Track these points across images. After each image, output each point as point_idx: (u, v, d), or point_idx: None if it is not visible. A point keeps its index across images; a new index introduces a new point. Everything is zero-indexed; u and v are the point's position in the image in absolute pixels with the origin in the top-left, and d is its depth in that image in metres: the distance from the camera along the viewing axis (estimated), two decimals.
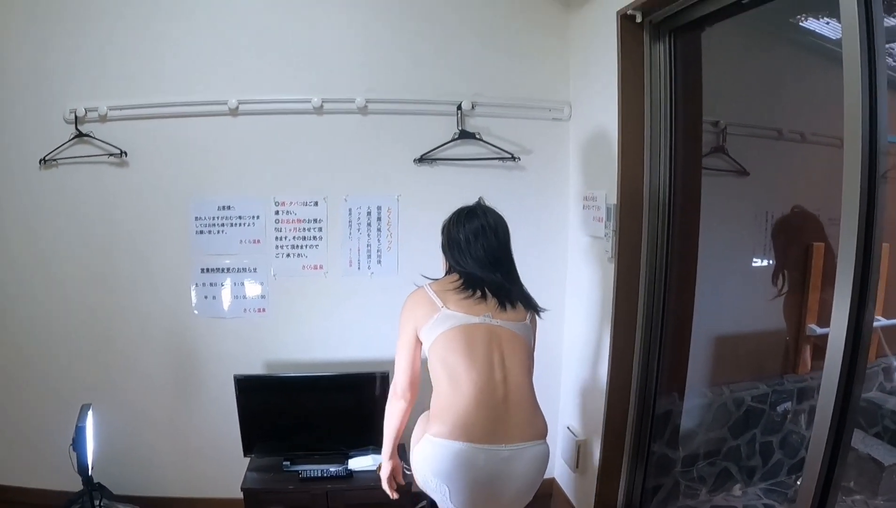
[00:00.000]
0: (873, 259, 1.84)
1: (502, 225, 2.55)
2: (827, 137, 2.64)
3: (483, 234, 2.47)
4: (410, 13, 3.44)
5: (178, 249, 3.42)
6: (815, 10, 2.46)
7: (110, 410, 3.33)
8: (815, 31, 2.57)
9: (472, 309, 2.37)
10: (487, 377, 2.26)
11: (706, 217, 2.97)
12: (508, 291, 2.45)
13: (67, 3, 3.27)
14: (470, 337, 2.32)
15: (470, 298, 2.38)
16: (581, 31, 3.43)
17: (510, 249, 2.54)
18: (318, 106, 3.36)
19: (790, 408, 3.27)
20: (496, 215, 2.56)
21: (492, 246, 2.48)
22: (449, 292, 2.41)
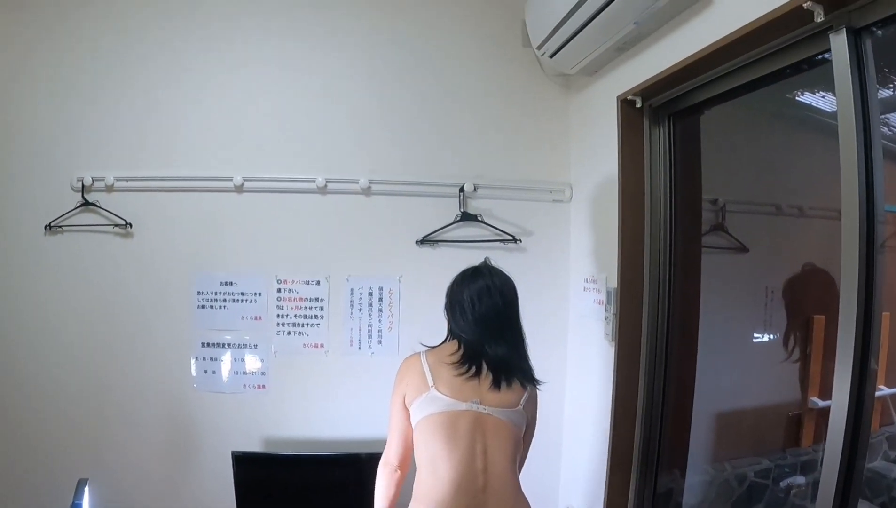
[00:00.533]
0: (874, 329, 1.84)
1: (509, 286, 2.47)
2: (825, 209, 2.64)
3: (488, 294, 2.39)
4: (413, 97, 3.50)
5: (180, 322, 3.41)
6: (811, 85, 2.49)
7: (107, 484, 3.27)
8: (811, 105, 2.59)
9: (461, 391, 2.29)
10: (468, 465, 2.21)
11: (706, 295, 2.97)
12: (508, 365, 2.36)
13: (79, 74, 3.33)
14: (453, 425, 2.25)
15: (463, 375, 2.31)
16: (581, 115, 3.49)
17: (517, 313, 2.46)
18: (322, 186, 3.39)
19: (794, 483, 3.25)
20: (503, 276, 2.49)
21: (496, 308, 2.39)
22: (443, 367, 2.34)
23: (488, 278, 2.44)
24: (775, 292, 3.04)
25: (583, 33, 2.80)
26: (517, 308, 2.47)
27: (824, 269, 2.72)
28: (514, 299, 2.47)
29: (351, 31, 3.49)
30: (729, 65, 2.37)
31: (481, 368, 2.34)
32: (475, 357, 2.35)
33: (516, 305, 2.47)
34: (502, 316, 2.41)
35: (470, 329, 2.39)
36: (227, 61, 3.41)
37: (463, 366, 2.33)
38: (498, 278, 2.46)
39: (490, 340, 2.37)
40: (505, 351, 2.37)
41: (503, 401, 2.32)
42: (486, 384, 2.32)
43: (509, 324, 2.43)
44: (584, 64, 3.11)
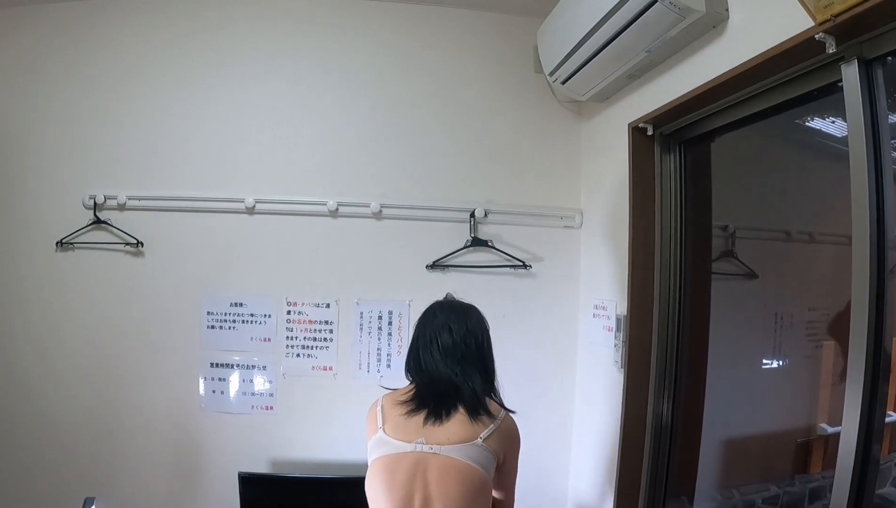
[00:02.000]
0: (884, 355, 1.83)
1: (462, 320, 2.34)
2: (835, 235, 2.63)
3: (440, 332, 2.30)
4: (425, 122, 3.53)
5: (189, 342, 3.42)
6: (821, 112, 2.49)
7: (113, 503, 3.29)
8: (821, 131, 2.59)
9: (407, 430, 2.16)
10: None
11: (715, 321, 2.96)
12: (456, 391, 2.21)
13: (93, 92, 3.37)
14: (392, 470, 2.10)
15: (411, 411, 2.21)
16: (593, 141, 3.50)
17: (478, 343, 2.32)
18: (333, 209, 3.41)
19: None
20: (458, 310, 2.39)
21: (446, 346, 2.28)
22: (396, 406, 2.26)
23: (441, 316, 2.37)
24: (784, 319, 3.03)
25: (595, 61, 2.82)
26: (478, 339, 2.34)
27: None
28: (474, 331, 2.34)
29: (364, 56, 3.52)
30: (740, 94, 2.38)
31: (428, 402, 2.22)
32: (424, 394, 2.26)
33: (477, 336, 2.34)
34: (458, 349, 2.28)
35: (420, 367, 2.32)
36: (240, 83, 3.44)
37: (410, 403, 2.24)
38: (450, 313, 2.38)
39: (442, 374, 2.26)
40: (457, 381, 2.24)
41: (453, 435, 2.13)
42: (433, 418, 2.20)
43: (466, 356, 2.29)
44: (595, 91, 3.13)
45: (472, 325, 2.35)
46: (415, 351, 2.35)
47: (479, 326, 2.37)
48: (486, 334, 2.38)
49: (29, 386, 3.35)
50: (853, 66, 1.86)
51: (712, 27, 2.37)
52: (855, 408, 1.86)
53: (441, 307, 2.42)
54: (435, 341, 2.30)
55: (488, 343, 2.37)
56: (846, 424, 1.89)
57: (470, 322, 2.35)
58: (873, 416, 1.85)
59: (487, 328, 2.39)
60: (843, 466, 1.89)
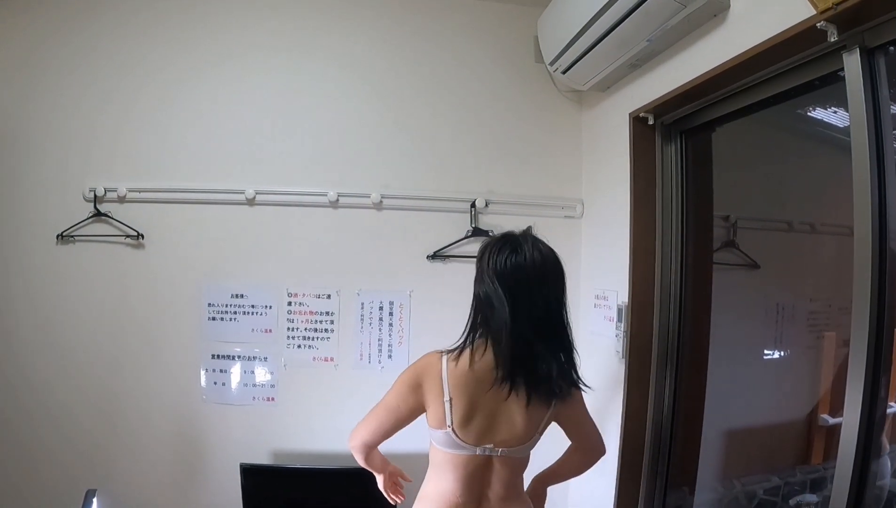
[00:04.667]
0: (885, 346, 1.83)
1: (556, 264, 2.05)
2: (836, 226, 2.63)
3: (529, 277, 1.96)
4: (425, 112, 3.52)
5: (190, 333, 3.42)
6: (823, 102, 2.48)
7: (114, 494, 3.29)
8: (823, 121, 2.58)
9: (477, 432, 2.05)
10: (471, 483, 2.09)
11: (717, 311, 2.96)
12: (546, 369, 1.97)
13: (91, 85, 3.35)
14: (463, 463, 2.08)
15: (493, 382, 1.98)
16: (593, 131, 3.49)
17: (565, 301, 2.07)
18: (333, 200, 3.41)
19: (803, 500, 3.22)
20: (547, 250, 2.05)
21: (542, 295, 1.97)
22: (463, 384, 2.00)
23: (530, 252, 1.99)
24: (786, 309, 3.02)
25: (595, 50, 2.81)
26: (565, 294, 2.07)
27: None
28: (563, 281, 2.06)
29: (363, 47, 3.51)
30: (741, 83, 2.38)
31: (515, 378, 1.98)
32: (510, 368, 1.97)
33: (565, 289, 2.06)
34: (549, 307, 1.99)
35: (507, 326, 1.95)
36: (240, 74, 3.44)
37: (492, 373, 1.99)
38: (540, 251, 2.02)
39: (534, 348, 1.96)
40: (549, 360, 1.99)
41: (522, 432, 2.07)
42: (512, 408, 2.05)
43: (558, 317, 2.02)
44: (596, 80, 3.12)
45: (562, 272, 2.06)
46: (496, 300, 1.97)
47: (564, 274, 2.08)
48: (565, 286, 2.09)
49: (30, 378, 3.34)
50: (855, 54, 1.86)
51: (713, 16, 2.36)
52: (856, 399, 1.86)
53: (532, 243, 2.04)
54: (527, 301, 1.95)
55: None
56: (848, 415, 1.89)
57: (560, 267, 2.06)
58: (875, 407, 1.85)
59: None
60: (844, 457, 1.90)
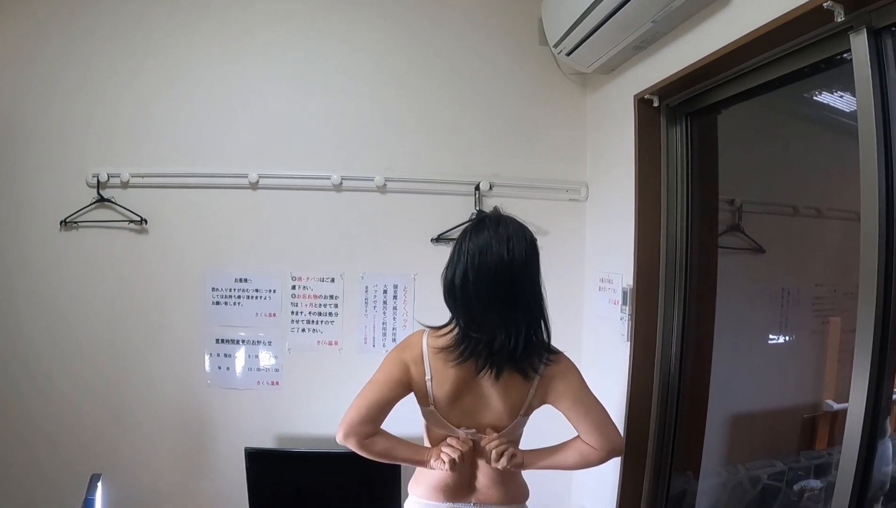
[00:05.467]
0: (891, 331, 1.82)
1: (520, 237, 2.01)
2: (842, 210, 2.62)
3: (489, 252, 1.95)
4: (429, 95, 3.51)
5: (194, 318, 3.42)
6: (829, 85, 2.46)
7: (119, 479, 3.28)
8: (829, 105, 2.56)
9: (458, 411, 2.10)
10: (458, 469, 2.12)
11: (722, 296, 2.96)
12: (511, 343, 1.96)
13: (93, 69, 3.34)
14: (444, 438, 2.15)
15: (458, 359, 2.01)
16: (598, 114, 3.48)
17: (533, 273, 2.02)
18: (337, 183, 3.40)
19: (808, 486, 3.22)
20: (514, 225, 2.03)
21: (500, 279, 1.95)
22: (440, 353, 2.05)
23: (492, 228, 1.99)
24: (791, 294, 3.01)
25: (600, 31, 2.79)
26: (534, 267, 2.03)
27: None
28: (531, 256, 2.01)
29: (367, 29, 3.49)
30: (747, 64, 2.36)
31: (479, 353, 2.00)
32: (472, 342, 2.01)
33: (533, 263, 2.02)
34: (511, 279, 1.96)
35: (467, 303, 2.00)
36: (243, 57, 3.42)
37: (455, 351, 2.02)
38: (507, 227, 2.01)
39: (493, 319, 1.97)
40: (512, 329, 1.97)
41: (501, 416, 2.12)
42: (492, 389, 2.08)
43: (521, 290, 1.98)
44: (601, 62, 3.10)
45: (530, 250, 2.02)
46: (457, 279, 2.01)
47: (535, 250, 2.05)
48: (539, 259, 2.07)
49: (34, 364, 3.35)
50: (862, 35, 1.84)
51: None
52: (862, 384, 1.85)
53: (491, 223, 2.03)
54: (484, 270, 1.95)
55: (540, 271, 2.07)
56: (853, 400, 1.88)
57: (528, 247, 2.02)
58: (881, 392, 1.84)
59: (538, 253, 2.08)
60: (849, 443, 1.89)
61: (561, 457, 2.19)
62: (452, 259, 2.06)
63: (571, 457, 2.18)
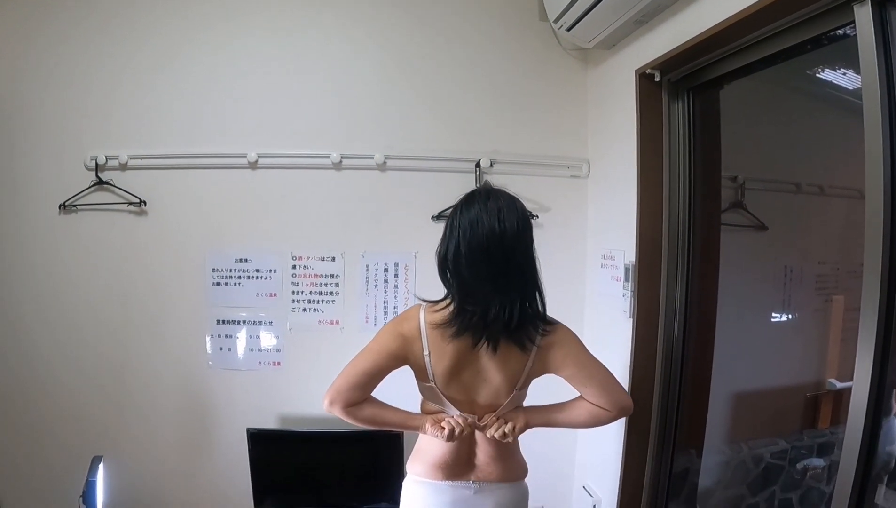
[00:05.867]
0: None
1: (512, 210, 1.99)
2: (845, 188, 2.60)
3: (486, 234, 1.94)
4: (429, 72, 3.48)
5: (195, 299, 3.42)
6: (833, 62, 2.44)
7: (121, 461, 3.30)
8: (832, 82, 2.54)
9: (457, 387, 2.11)
10: (457, 446, 2.15)
11: (724, 273, 2.95)
12: (506, 314, 1.96)
13: (89, 50, 3.32)
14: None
15: (454, 334, 2.01)
16: (599, 89, 3.45)
17: (526, 246, 2.01)
18: (336, 162, 3.38)
19: (810, 465, 3.22)
20: (506, 198, 2.02)
21: (492, 253, 1.94)
22: (437, 329, 2.04)
23: (482, 202, 2.00)
24: (794, 272, 3.00)
25: (600, 6, 2.76)
26: (526, 238, 2.01)
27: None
28: (522, 227, 2.00)
29: (366, 6, 3.46)
30: (750, 37, 2.33)
31: (475, 326, 2.00)
32: (468, 316, 2.00)
33: (525, 234, 2.01)
34: (503, 251, 1.95)
35: (460, 278, 2.01)
36: (241, 36, 3.39)
37: (451, 326, 2.01)
38: (497, 200, 2.00)
39: (488, 292, 1.97)
40: (507, 301, 1.97)
41: (499, 391, 2.12)
42: (488, 363, 2.09)
43: (513, 262, 1.97)
44: (601, 37, 3.07)
45: (521, 221, 2.01)
46: (450, 254, 2.01)
47: (527, 222, 2.04)
48: (531, 230, 2.06)
49: (35, 348, 3.36)
50: (866, 7, 1.81)
51: None
52: (867, 362, 1.84)
53: (481, 197, 2.03)
54: (476, 243, 1.95)
55: (532, 242, 2.06)
56: (858, 378, 1.87)
57: (519, 218, 2.00)
58: (885, 370, 1.83)
59: (531, 225, 2.08)
60: (854, 421, 1.88)
61: (569, 415, 2.20)
62: (445, 235, 2.05)
63: (581, 415, 2.18)
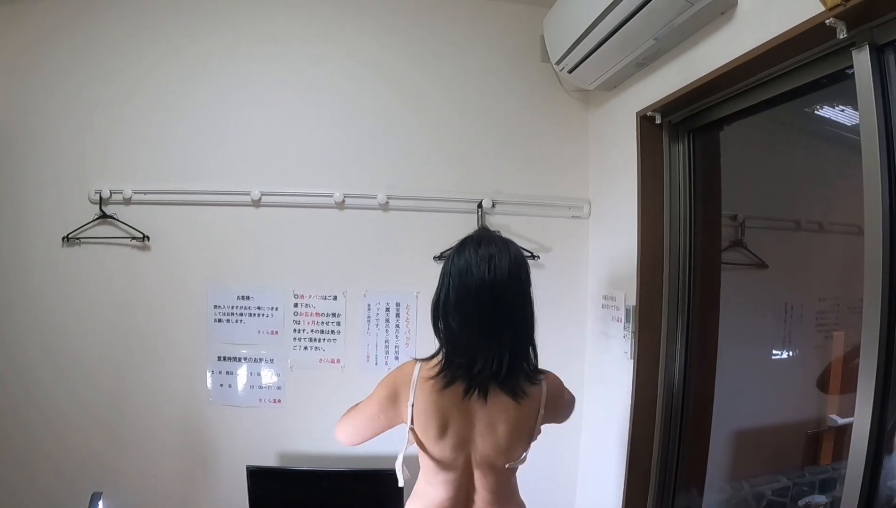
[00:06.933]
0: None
1: (506, 255, 1.90)
2: (844, 224, 2.62)
3: (467, 276, 1.88)
4: (433, 112, 3.51)
5: (196, 335, 3.41)
6: (831, 100, 2.47)
7: (121, 496, 3.25)
8: (830, 119, 2.56)
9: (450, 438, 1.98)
10: (457, 488, 2.04)
11: (725, 312, 2.95)
12: (495, 365, 1.87)
13: (96, 85, 3.35)
14: (445, 466, 2.04)
15: (445, 386, 1.92)
16: (600, 130, 3.48)
17: (522, 292, 1.93)
18: (339, 201, 3.40)
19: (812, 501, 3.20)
20: (499, 243, 1.94)
21: (483, 305, 1.85)
22: (427, 382, 1.95)
23: (473, 249, 1.91)
24: (794, 309, 3.01)
25: (602, 49, 2.79)
26: (519, 285, 1.92)
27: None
28: (515, 271, 1.91)
29: (370, 45, 3.50)
30: (750, 81, 2.36)
31: (464, 377, 1.91)
32: (458, 367, 1.91)
33: (517, 281, 1.91)
34: (493, 300, 1.86)
35: (447, 327, 1.93)
36: (246, 73, 3.43)
37: (441, 379, 1.93)
38: (489, 247, 1.91)
39: (479, 343, 1.88)
40: (497, 354, 1.87)
41: (496, 441, 1.98)
42: (476, 413, 1.98)
43: (504, 312, 1.87)
44: (603, 79, 3.11)
45: (514, 268, 1.91)
46: (441, 304, 1.94)
47: (521, 268, 1.94)
48: (528, 272, 1.97)
49: (35, 381, 3.34)
50: (864, 52, 1.84)
51: (721, 13, 2.35)
52: (868, 398, 1.84)
53: (472, 243, 1.94)
54: (465, 293, 1.88)
55: (529, 284, 1.97)
56: (859, 414, 1.87)
57: (511, 264, 1.90)
58: (886, 406, 1.83)
59: (528, 269, 1.99)
60: (855, 456, 1.87)
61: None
62: (438, 284, 1.99)
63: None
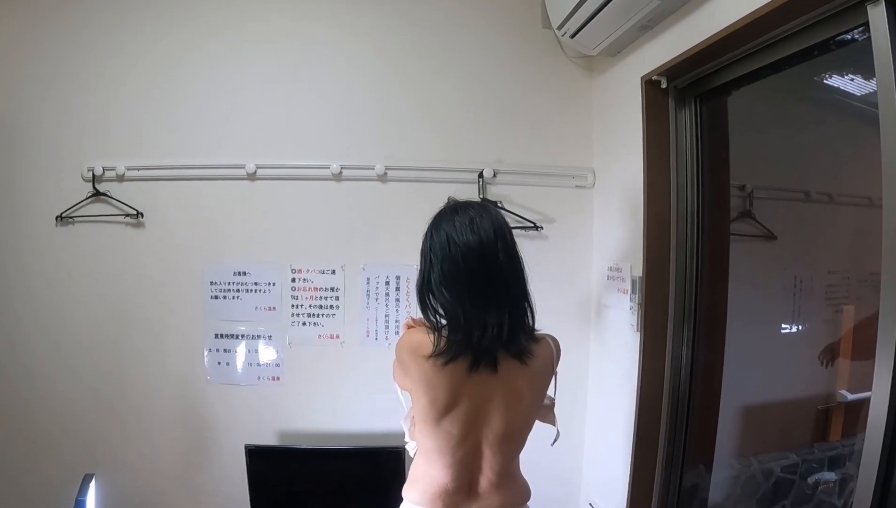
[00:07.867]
0: None
1: (489, 221, 1.90)
2: (854, 196, 2.57)
3: (458, 239, 1.87)
4: (431, 80, 3.44)
5: (193, 313, 3.38)
6: (842, 68, 2.40)
7: (118, 477, 3.27)
8: (840, 89, 2.50)
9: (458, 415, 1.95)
10: (461, 467, 2.01)
11: (734, 283, 2.90)
12: (497, 331, 1.86)
13: (87, 62, 3.30)
14: (451, 449, 2.00)
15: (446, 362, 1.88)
16: (604, 97, 3.40)
17: (505, 254, 1.89)
18: (336, 172, 3.34)
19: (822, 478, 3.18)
20: (477, 209, 1.95)
21: (474, 254, 1.85)
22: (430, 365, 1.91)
23: (450, 219, 1.92)
24: (804, 282, 2.96)
25: (604, 11, 2.72)
26: (506, 242, 1.91)
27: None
28: (498, 230, 1.90)
29: (366, 13, 3.43)
30: (759, 41, 2.28)
31: (465, 351, 1.89)
32: (458, 343, 1.88)
33: (504, 238, 1.90)
34: (483, 262, 1.86)
35: (446, 303, 1.90)
36: (239, 46, 3.37)
37: (443, 355, 1.88)
38: (466, 212, 1.92)
39: (474, 313, 1.86)
40: (495, 320, 1.86)
41: (509, 412, 1.98)
42: (486, 386, 1.95)
43: (496, 269, 1.88)
44: (606, 44, 3.03)
45: (497, 226, 1.91)
46: (429, 283, 1.94)
47: (503, 225, 1.95)
48: (510, 232, 1.96)
49: (30, 362, 3.32)
50: (880, 7, 1.75)
51: None
52: (886, 373, 1.77)
53: (448, 215, 1.95)
54: (454, 263, 1.87)
55: (514, 243, 1.96)
56: (876, 389, 1.80)
57: (495, 223, 1.91)
58: None
59: (509, 227, 1.99)
60: (873, 433, 1.81)
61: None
62: (420, 267, 2.00)
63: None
